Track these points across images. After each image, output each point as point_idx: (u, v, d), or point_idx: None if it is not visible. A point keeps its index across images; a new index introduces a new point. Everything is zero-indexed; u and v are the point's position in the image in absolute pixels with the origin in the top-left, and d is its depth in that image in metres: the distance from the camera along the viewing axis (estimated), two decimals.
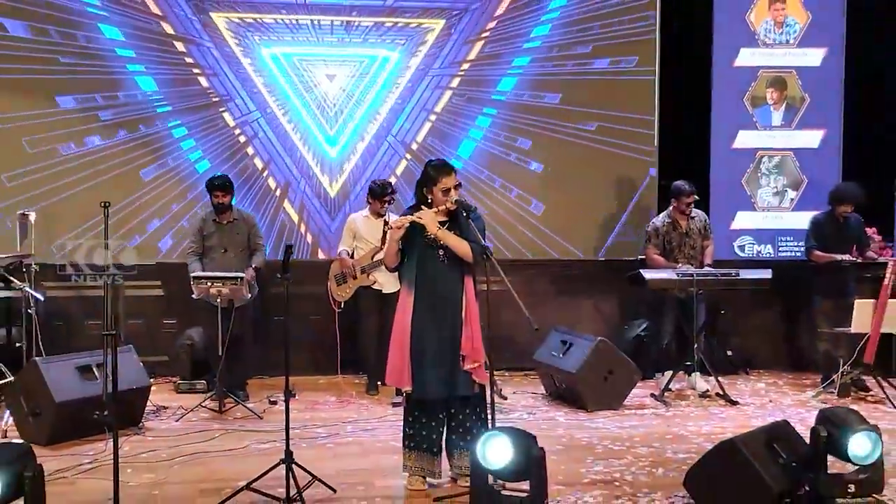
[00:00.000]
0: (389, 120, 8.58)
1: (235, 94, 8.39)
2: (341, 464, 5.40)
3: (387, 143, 8.58)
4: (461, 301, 4.88)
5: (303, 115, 8.48)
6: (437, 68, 8.58)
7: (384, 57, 8.53)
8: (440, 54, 8.57)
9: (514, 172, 8.60)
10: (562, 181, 8.57)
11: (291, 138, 8.48)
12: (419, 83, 8.57)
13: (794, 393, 7.63)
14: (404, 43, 8.53)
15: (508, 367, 8.16)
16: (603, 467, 5.37)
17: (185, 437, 6.04)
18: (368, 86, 8.53)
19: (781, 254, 8.63)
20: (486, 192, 8.54)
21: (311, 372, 8.11)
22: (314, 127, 8.50)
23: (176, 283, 7.71)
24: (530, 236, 8.55)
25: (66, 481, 5.05)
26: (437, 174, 4.86)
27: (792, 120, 8.66)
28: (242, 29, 8.35)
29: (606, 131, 8.57)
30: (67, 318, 7.88)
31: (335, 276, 7.60)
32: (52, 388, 5.79)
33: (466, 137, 8.61)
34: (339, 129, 8.53)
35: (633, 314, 8.51)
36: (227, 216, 7.24)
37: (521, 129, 8.59)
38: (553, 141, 8.57)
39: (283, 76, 8.42)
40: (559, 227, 8.59)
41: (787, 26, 8.59)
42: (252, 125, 8.43)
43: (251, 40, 8.38)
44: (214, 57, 8.33)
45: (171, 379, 7.75)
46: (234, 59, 8.35)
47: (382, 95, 8.56)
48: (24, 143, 7.95)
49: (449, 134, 8.62)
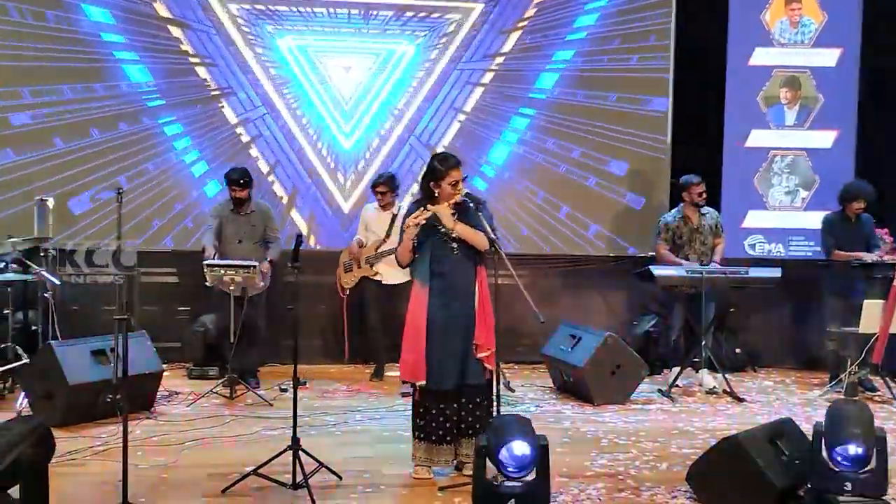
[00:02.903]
0: (413, 119, 8.47)
1: (238, 88, 8.21)
2: (348, 452, 5.47)
3: (409, 145, 8.50)
4: (475, 291, 4.93)
5: (319, 110, 8.35)
6: (466, 62, 8.46)
7: (403, 50, 8.41)
8: (470, 45, 8.45)
9: (540, 172, 8.59)
10: (574, 177, 8.60)
11: (300, 138, 8.35)
12: (446, 78, 8.47)
13: (801, 391, 7.65)
14: (425, 34, 8.40)
15: (517, 360, 8.22)
16: (607, 460, 5.42)
17: (196, 422, 6.12)
18: (386, 80, 8.42)
19: (792, 253, 8.64)
20: (506, 189, 8.54)
21: (322, 360, 8.22)
22: (332, 123, 8.40)
23: (190, 270, 7.78)
24: (542, 231, 8.58)
25: (78, 463, 5.14)
26: (446, 167, 4.88)
27: (805, 120, 8.65)
28: (252, 16, 8.21)
29: (619, 128, 8.58)
30: (83, 303, 7.97)
31: (344, 263, 7.77)
32: (67, 370, 5.89)
33: (499, 140, 8.55)
34: (355, 125, 8.43)
35: (642, 310, 8.54)
36: (244, 208, 7.31)
37: (554, 130, 8.56)
38: (577, 139, 8.59)
39: (297, 68, 8.30)
40: (569, 222, 8.61)
41: (802, 26, 8.59)
42: (256, 122, 8.30)
43: (261, 28, 8.23)
44: (216, 45, 8.12)
45: (183, 365, 7.86)
46: (237, 48, 8.17)
47: (402, 91, 8.45)
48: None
49: (480, 136, 8.55)
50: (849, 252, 7.49)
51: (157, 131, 8.13)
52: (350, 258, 7.72)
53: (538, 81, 8.55)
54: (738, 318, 8.58)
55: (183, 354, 7.94)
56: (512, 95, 8.55)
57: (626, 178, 8.63)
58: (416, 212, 4.86)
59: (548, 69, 8.55)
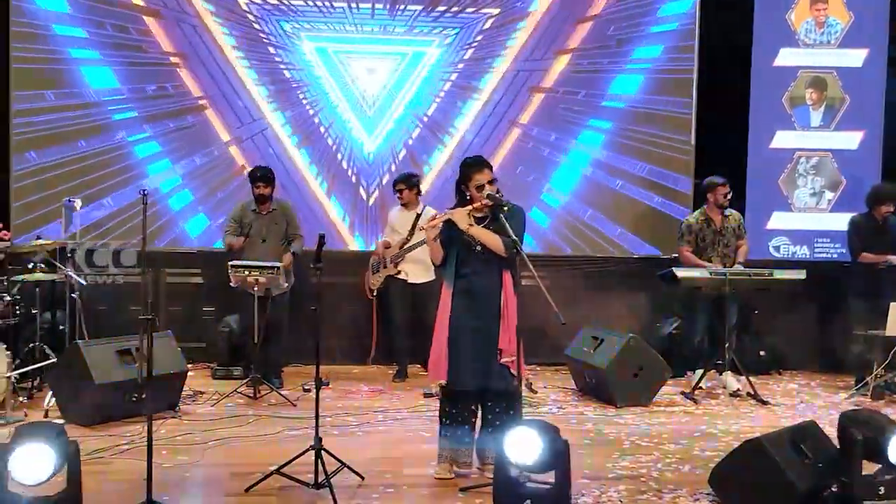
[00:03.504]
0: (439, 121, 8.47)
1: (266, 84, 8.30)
2: (370, 452, 5.49)
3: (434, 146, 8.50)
4: (499, 296, 4.92)
5: (341, 113, 8.37)
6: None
7: (429, 51, 8.39)
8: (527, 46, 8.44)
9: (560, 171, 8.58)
10: (598, 178, 8.58)
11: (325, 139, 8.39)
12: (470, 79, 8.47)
13: (826, 394, 7.59)
14: (456, 31, 8.39)
15: (539, 362, 8.22)
16: (629, 462, 5.41)
17: (220, 421, 6.18)
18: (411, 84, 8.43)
19: (818, 255, 8.57)
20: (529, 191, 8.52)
21: (346, 361, 8.26)
22: (355, 126, 8.42)
23: (215, 270, 7.84)
24: (565, 232, 8.57)
25: (104, 461, 5.20)
26: (470, 171, 4.92)
27: (831, 121, 8.59)
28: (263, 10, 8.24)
29: (643, 128, 8.55)
30: (110, 303, 8.05)
31: (371, 265, 7.85)
32: (93, 370, 5.95)
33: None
34: (378, 129, 8.45)
35: (665, 312, 8.51)
36: (267, 206, 7.36)
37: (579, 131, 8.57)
38: (601, 140, 8.57)
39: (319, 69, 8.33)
40: (594, 224, 8.60)
41: (828, 26, 8.52)
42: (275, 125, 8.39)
43: (275, 25, 8.25)
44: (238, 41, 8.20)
45: (208, 365, 7.93)
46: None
47: (427, 92, 8.44)
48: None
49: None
50: (876, 254, 7.43)
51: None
52: (377, 259, 7.79)
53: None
54: (763, 321, 8.52)
55: (207, 354, 8.02)
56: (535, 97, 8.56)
57: (649, 180, 8.60)
58: (431, 215, 4.91)
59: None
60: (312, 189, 8.45)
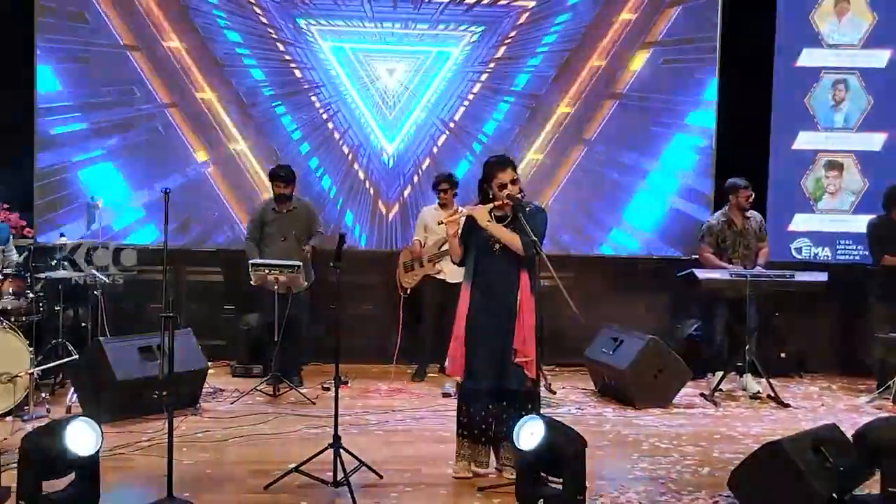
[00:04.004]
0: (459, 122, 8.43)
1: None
2: (389, 451, 5.52)
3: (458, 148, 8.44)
4: (516, 295, 4.92)
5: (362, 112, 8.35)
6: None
7: (451, 50, 8.34)
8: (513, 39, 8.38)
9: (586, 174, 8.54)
10: (618, 179, 8.55)
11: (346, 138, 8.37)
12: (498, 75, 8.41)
13: (847, 397, 7.53)
14: (482, 30, 8.34)
15: (558, 362, 8.21)
16: (648, 464, 5.39)
17: (240, 419, 6.21)
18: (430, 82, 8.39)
19: (840, 257, 8.51)
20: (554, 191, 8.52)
21: (365, 359, 8.26)
22: (376, 126, 8.40)
23: (235, 269, 7.88)
24: (586, 233, 8.55)
25: (125, 457, 5.24)
26: (492, 170, 4.93)
27: (854, 122, 8.52)
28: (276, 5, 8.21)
29: (665, 129, 8.51)
30: (132, 301, 8.11)
31: (403, 264, 7.82)
32: (115, 367, 6.01)
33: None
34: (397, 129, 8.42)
35: (685, 313, 8.47)
36: (287, 205, 7.39)
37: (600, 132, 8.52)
38: (623, 141, 8.53)
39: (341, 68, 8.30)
40: (614, 225, 8.57)
41: (852, 27, 8.44)
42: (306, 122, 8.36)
43: (291, 21, 8.23)
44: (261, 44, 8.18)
45: (228, 362, 7.95)
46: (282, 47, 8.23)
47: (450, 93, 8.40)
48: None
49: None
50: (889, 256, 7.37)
51: None
52: (411, 258, 7.77)
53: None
54: (784, 322, 8.47)
55: (227, 352, 8.05)
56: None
57: (670, 180, 8.56)
58: (451, 210, 4.89)
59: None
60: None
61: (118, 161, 8.16)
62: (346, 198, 8.43)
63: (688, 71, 8.51)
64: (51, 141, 8.06)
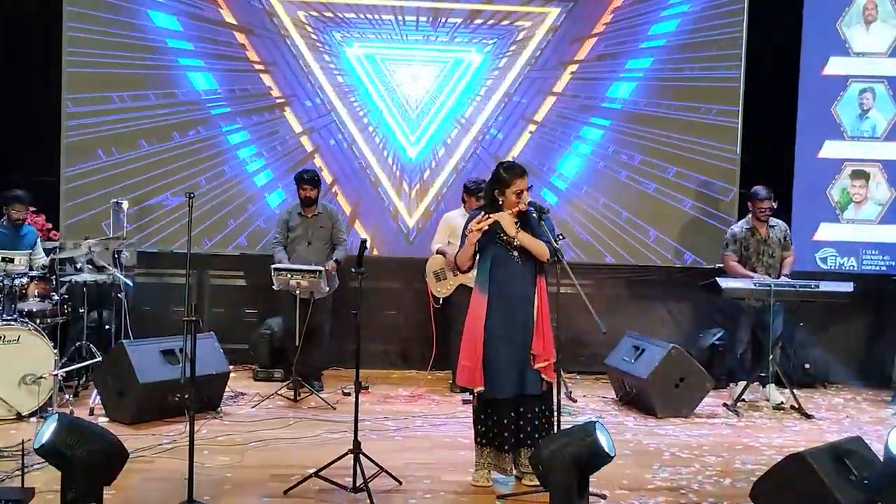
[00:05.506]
0: (481, 129, 8.44)
1: (303, 96, 8.24)
2: (409, 457, 5.51)
3: (476, 155, 8.45)
4: (534, 300, 4.93)
5: (385, 119, 8.36)
6: (538, 69, 8.43)
7: (470, 59, 8.36)
8: (542, 53, 8.42)
9: (610, 183, 8.51)
10: (642, 187, 8.51)
11: (365, 147, 8.37)
12: (516, 87, 8.44)
13: (872, 409, 7.46)
14: (494, 41, 8.36)
15: (579, 370, 8.18)
16: (669, 474, 5.36)
17: (261, 423, 6.23)
18: (454, 88, 8.39)
19: (865, 267, 8.41)
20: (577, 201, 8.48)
21: (386, 366, 8.28)
22: (398, 132, 8.41)
23: (258, 273, 7.90)
24: (607, 240, 8.51)
25: (146, 460, 5.27)
26: (511, 176, 4.92)
27: (882, 131, 8.44)
28: (320, 23, 8.22)
29: (689, 136, 8.47)
30: (155, 304, 8.17)
31: (434, 273, 7.61)
32: (138, 369, 6.04)
33: (571, 152, 8.49)
34: (420, 134, 8.42)
35: (708, 322, 8.42)
36: (312, 209, 7.42)
37: (626, 141, 8.47)
38: (646, 149, 8.49)
39: (365, 76, 8.31)
40: (637, 232, 8.54)
41: (879, 35, 8.37)
42: (321, 131, 8.33)
43: (329, 36, 8.25)
44: (281, 52, 8.17)
45: (249, 366, 7.99)
46: (302, 56, 8.23)
47: (469, 100, 8.42)
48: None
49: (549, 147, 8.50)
50: None
51: (220, 139, 8.24)
52: (441, 267, 7.58)
53: (610, 91, 8.49)
54: (808, 333, 8.40)
55: (249, 356, 8.08)
56: (584, 105, 8.49)
57: (693, 188, 8.51)
58: (479, 216, 4.90)
59: (621, 77, 8.49)
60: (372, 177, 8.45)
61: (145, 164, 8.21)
62: (366, 205, 8.45)
63: (713, 79, 8.46)
64: (76, 145, 8.12)
